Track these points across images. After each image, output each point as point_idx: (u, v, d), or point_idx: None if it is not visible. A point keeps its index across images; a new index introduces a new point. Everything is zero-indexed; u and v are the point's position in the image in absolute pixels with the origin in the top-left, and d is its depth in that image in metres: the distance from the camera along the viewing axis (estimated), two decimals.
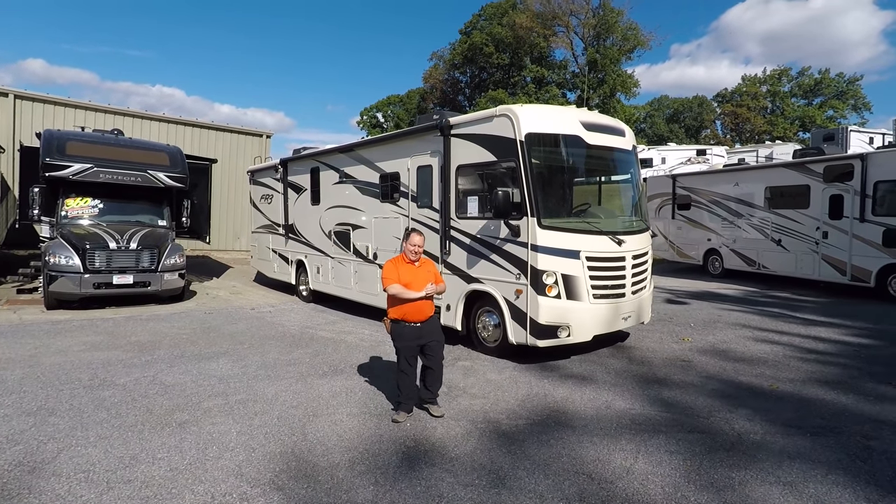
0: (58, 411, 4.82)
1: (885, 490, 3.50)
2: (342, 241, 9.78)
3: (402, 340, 4.71)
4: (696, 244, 15.63)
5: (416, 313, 4.67)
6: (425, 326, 4.73)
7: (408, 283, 4.62)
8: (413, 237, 4.76)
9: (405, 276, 4.68)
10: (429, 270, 4.83)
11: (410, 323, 4.68)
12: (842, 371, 6.19)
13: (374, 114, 67.39)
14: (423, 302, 4.69)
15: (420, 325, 4.70)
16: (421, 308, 4.69)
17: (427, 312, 4.74)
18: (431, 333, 4.78)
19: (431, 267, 4.92)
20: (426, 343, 4.73)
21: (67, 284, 9.59)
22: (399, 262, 4.78)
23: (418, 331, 4.70)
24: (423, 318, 4.71)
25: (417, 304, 4.65)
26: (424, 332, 4.72)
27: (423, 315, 4.71)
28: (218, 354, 6.89)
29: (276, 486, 3.54)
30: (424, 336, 4.72)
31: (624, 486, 3.57)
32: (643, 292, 7.05)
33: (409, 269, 4.73)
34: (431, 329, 4.79)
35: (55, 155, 10.52)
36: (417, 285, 4.65)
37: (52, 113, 17.23)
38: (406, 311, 4.68)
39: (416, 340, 4.70)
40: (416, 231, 4.86)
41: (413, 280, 4.66)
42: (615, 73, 49.96)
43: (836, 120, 53.04)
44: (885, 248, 10.74)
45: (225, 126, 21.39)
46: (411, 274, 4.70)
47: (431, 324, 4.80)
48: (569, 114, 6.89)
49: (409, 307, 4.66)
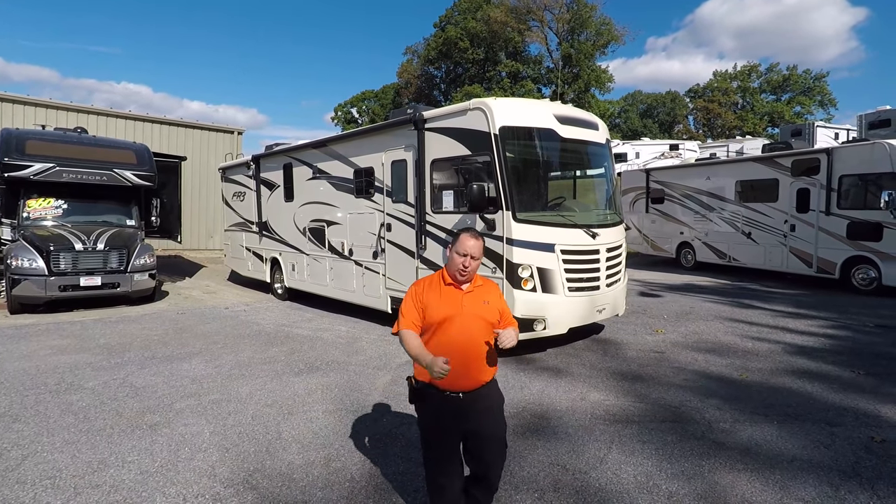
0: (22, 417, 4.68)
1: (847, 475, 3.61)
2: (317, 237, 9.68)
3: (428, 420, 2.71)
4: (670, 237, 15.92)
5: (455, 370, 2.51)
6: (473, 399, 2.65)
7: (442, 321, 2.65)
8: (464, 241, 2.68)
9: (437, 308, 2.67)
10: (485, 300, 2.74)
11: (445, 391, 2.63)
12: (808, 360, 6.37)
13: (348, 109, 66.82)
14: (473, 352, 2.65)
15: (462, 395, 2.63)
16: (467, 363, 2.62)
17: (478, 373, 2.67)
18: (486, 414, 2.68)
19: (492, 294, 2.80)
20: (474, 430, 2.66)
21: (31, 288, 9.30)
22: (433, 285, 2.76)
23: (458, 406, 2.63)
24: (468, 383, 2.64)
25: (459, 355, 2.58)
26: (471, 410, 2.64)
27: (468, 378, 2.64)
28: (191, 355, 6.76)
29: (251, 486, 3.49)
30: (471, 417, 2.64)
31: (597, 476, 3.62)
32: (618, 285, 7.15)
33: (449, 297, 2.70)
34: (486, 405, 2.69)
35: (14, 155, 10.17)
36: (461, 325, 2.64)
37: (10, 111, 16.58)
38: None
39: (456, 422, 2.64)
40: (470, 232, 2.74)
41: (452, 313, 2.65)
42: (589, 68, 50.41)
43: (804, 116, 54.49)
44: (849, 240, 11.08)
45: (195, 123, 20.93)
46: (451, 304, 2.68)
47: (486, 395, 2.70)
48: (543, 107, 6.93)
49: (445, 357, 2.56)
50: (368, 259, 8.42)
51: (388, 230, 7.95)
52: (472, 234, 2.72)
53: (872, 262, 10.79)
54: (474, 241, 2.69)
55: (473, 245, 2.67)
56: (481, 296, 2.75)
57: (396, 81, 60.10)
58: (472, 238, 2.69)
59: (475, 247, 2.68)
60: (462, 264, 2.66)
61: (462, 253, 2.66)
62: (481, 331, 2.67)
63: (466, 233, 2.73)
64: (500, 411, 2.76)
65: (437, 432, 2.68)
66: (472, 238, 2.69)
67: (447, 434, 2.66)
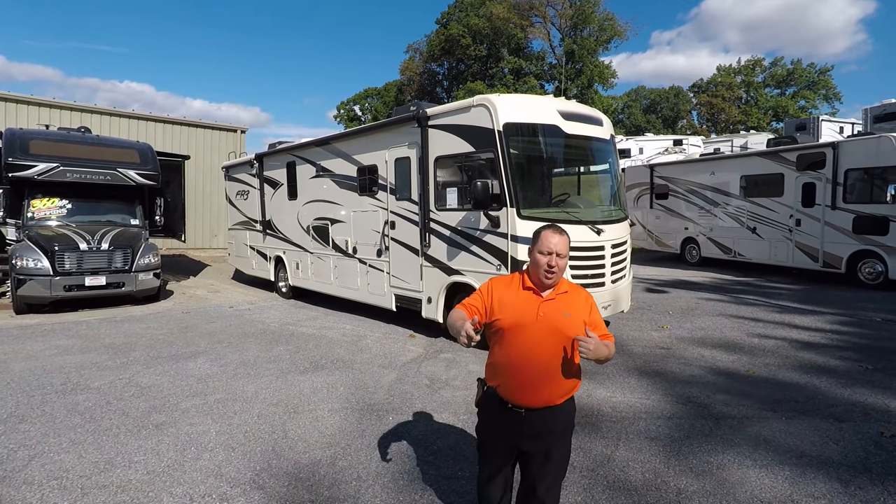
0: (29, 418, 4.68)
1: (857, 470, 3.58)
2: (321, 235, 9.68)
3: (485, 428, 2.57)
4: (674, 233, 15.84)
5: (519, 384, 2.37)
6: (536, 418, 2.38)
7: (511, 326, 2.37)
8: (547, 237, 2.37)
9: (510, 310, 2.39)
10: (567, 311, 2.37)
11: (508, 403, 2.41)
12: (815, 355, 6.33)
13: (351, 107, 66.72)
14: (542, 368, 2.34)
15: (524, 412, 2.38)
16: (532, 380, 2.35)
17: (545, 391, 2.37)
18: (546, 437, 2.41)
19: (577, 304, 2.43)
20: (530, 452, 2.43)
21: (37, 288, 9.32)
22: (511, 285, 2.48)
23: (519, 422, 2.39)
24: (533, 399, 2.37)
25: (525, 369, 2.34)
26: (530, 429, 2.39)
27: (533, 395, 2.37)
28: (196, 354, 6.77)
29: (257, 486, 3.49)
30: (528, 436, 2.40)
31: (605, 473, 3.61)
32: (622, 281, 7.11)
33: (524, 302, 2.39)
34: (548, 427, 2.41)
35: (18, 154, 10.18)
36: (531, 336, 2.34)
37: (13, 111, 16.62)
38: (502, 376, 2.43)
39: (513, 439, 2.43)
40: (553, 228, 2.42)
41: (525, 321, 2.35)
42: (592, 64, 50.21)
43: (808, 110, 54.17)
44: (855, 234, 11.00)
45: (198, 122, 20.95)
46: (525, 310, 2.37)
47: (552, 417, 2.40)
48: (546, 103, 6.89)
49: (506, 369, 2.40)
50: (372, 257, 8.41)
51: (392, 228, 7.94)
52: (555, 229, 2.39)
53: (879, 257, 10.71)
54: (559, 236, 2.36)
55: (559, 241, 2.34)
56: (563, 305, 2.37)
57: (399, 79, 60.00)
58: (556, 234, 2.36)
59: (561, 243, 2.34)
60: (548, 264, 2.32)
61: (546, 251, 2.33)
62: (556, 346, 2.33)
63: (548, 229, 2.40)
64: (562, 437, 2.45)
65: (491, 443, 2.54)
66: (556, 234, 2.36)
67: (500, 448, 2.50)
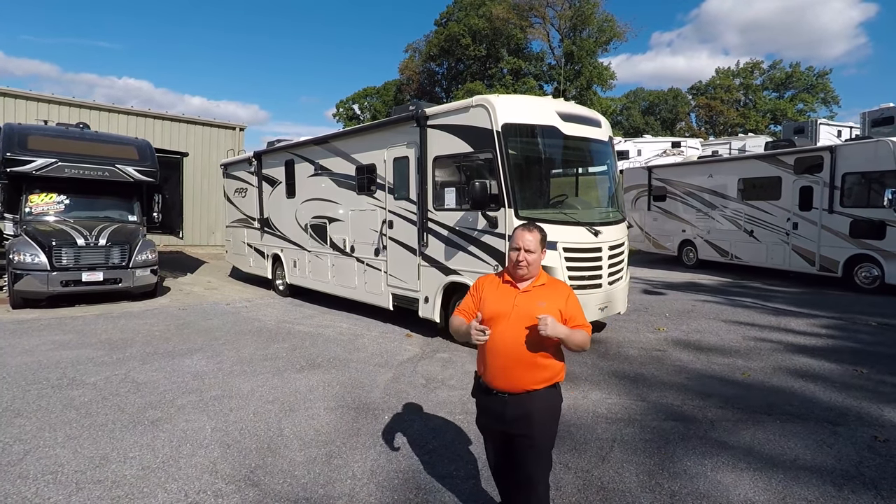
0: (24, 412, 4.68)
1: (850, 475, 3.60)
2: (318, 234, 9.67)
3: (478, 412, 2.83)
4: (672, 235, 15.87)
5: (499, 370, 2.58)
6: (517, 402, 2.56)
7: (490, 318, 2.57)
8: (519, 234, 2.62)
9: (490, 303, 2.62)
10: (542, 301, 2.55)
11: (491, 389, 2.64)
12: (810, 359, 6.35)
13: (350, 106, 66.68)
14: (518, 355, 2.52)
15: (507, 396, 2.57)
16: (509, 366, 2.55)
17: (522, 377, 2.54)
18: (524, 421, 2.54)
19: (553, 296, 2.60)
20: (510, 434, 2.60)
21: (34, 283, 9.30)
22: (493, 281, 2.73)
23: (502, 406, 2.59)
24: (510, 384, 2.56)
25: (502, 356, 2.55)
26: (511, 413, 2.56)
27: (510, 379, 2.56)
28: (192, 351, 6.77)
29: (252, 483, 3.49)
30: (508, 420, 2.57)
31: (599, 474, 3.62)
32: (619, 283, 7.13)
33: (502, 295, 2.63)
34: (525, 411, 2.54)
35: (16, 149, 10.15)
36: (507, 325, 2.54)
37: (12, 106, 16.54)
38: (484, 363, 2.67)
39: (497, 422, 2.65)
40: (525, 225, 2.67)
41: (502, 311, 2.58)
42: (591, 65, 50.24)
43: (806, 113, 54.36)
44: (852, 238, 11.04)
45: (196, 119, 20.88)
46: (503, 301, 2.60)
47: (531, 402, 2.55)
48: (545, 104, 6.90)
49: (486, 356, 2.62)
50: (370, 256, 8.41)
51: (389, 227, 7.94)
52: (528, 227, 2.65)
53: (875, 261, 10.76)
54: (529, 233, 2.60)
55: (529, 237, 2.59)
56: (539, 296, 2.58)
57: (398, 78, 59.97)
58: (526, 231, 2.62)
59: (531, 239, 2.58)
60: (517, 258, 2.59)
61: (516, 247, 2.60)
62: (531, 333, 2.48)
63: (522, 227, 2.66)
64: (542, 421, 2.55)
65: (486, 430, 2.83)
66: (526, 231, 2.62)
67: (489, 431, 2.78)
